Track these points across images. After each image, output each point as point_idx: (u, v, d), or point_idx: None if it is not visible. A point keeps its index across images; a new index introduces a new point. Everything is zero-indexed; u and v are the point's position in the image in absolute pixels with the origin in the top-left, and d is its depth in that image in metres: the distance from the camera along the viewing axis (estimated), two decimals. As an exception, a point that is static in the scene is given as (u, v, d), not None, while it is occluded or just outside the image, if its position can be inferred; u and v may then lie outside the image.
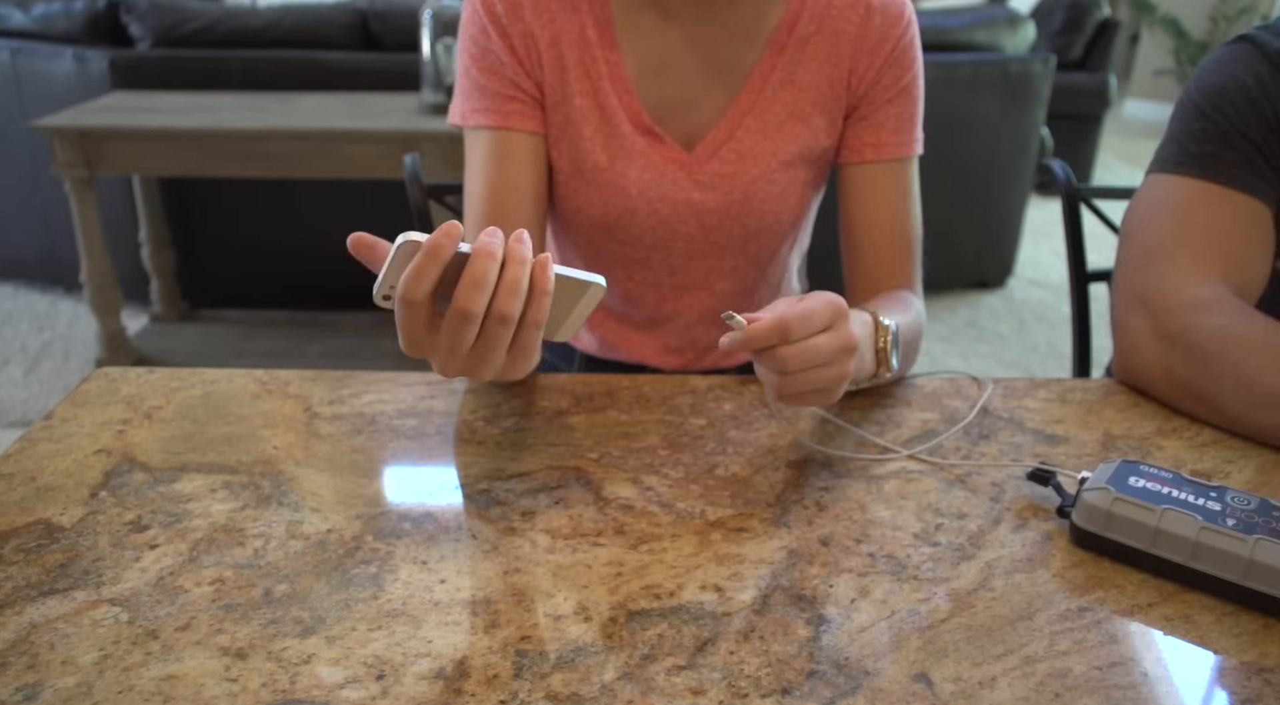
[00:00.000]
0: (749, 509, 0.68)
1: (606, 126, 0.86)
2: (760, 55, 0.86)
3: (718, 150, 0.87)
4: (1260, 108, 0.89)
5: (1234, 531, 0.59)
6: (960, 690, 0.53)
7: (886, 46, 0.87)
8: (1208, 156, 0.90)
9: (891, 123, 0.89)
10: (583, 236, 0.91)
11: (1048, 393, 0.85)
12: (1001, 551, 0.64)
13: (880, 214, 0.90)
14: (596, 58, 0.85)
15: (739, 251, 0.91)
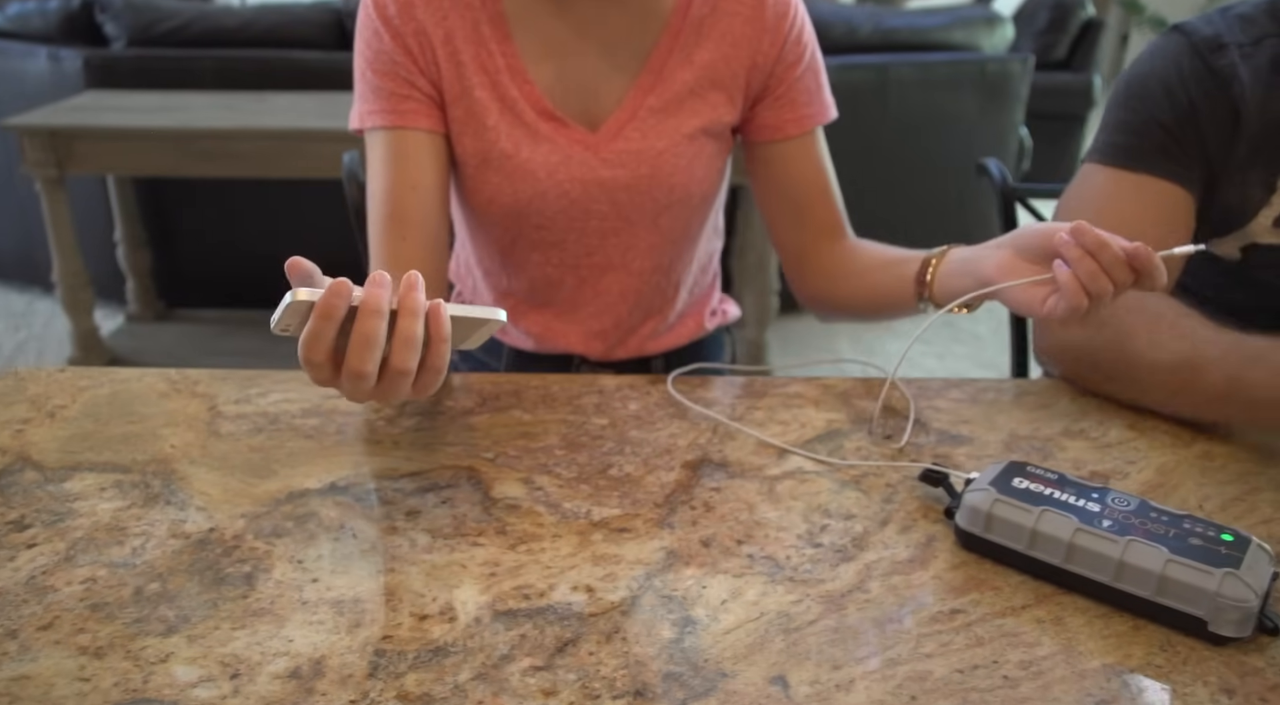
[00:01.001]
0: (635, 509, 0.67)
1: (509, 115, 0.86)
2: (658, 37, 0.88)
3: (622, 129, 0.88)
4: (1176, 97, 0.89)
5: (1108, 533, 0.59)
6: (815, 693, 0.52)
7: (784, 24, 0.89)
8: (1129, 146, 0.91)
9: (804, 97, 0.92)
10: (498, 227, 0.92)
11: (960, 393, 0.84)
12: (884, 553, 0.64)
13: (816, 181, 0.95)
14: (492, 51, 0.85)
15: (652, 227, 0.92)
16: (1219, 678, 0.54)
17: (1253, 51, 0.88)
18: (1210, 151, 0.89)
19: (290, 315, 0.57)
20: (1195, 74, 0.88)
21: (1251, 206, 0.90)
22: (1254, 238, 0.91)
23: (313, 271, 0.58)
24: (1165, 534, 0.59)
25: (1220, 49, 0.88)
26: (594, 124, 0.88)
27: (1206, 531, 0.59)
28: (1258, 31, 0.89)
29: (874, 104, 2.66)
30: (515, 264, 0.94)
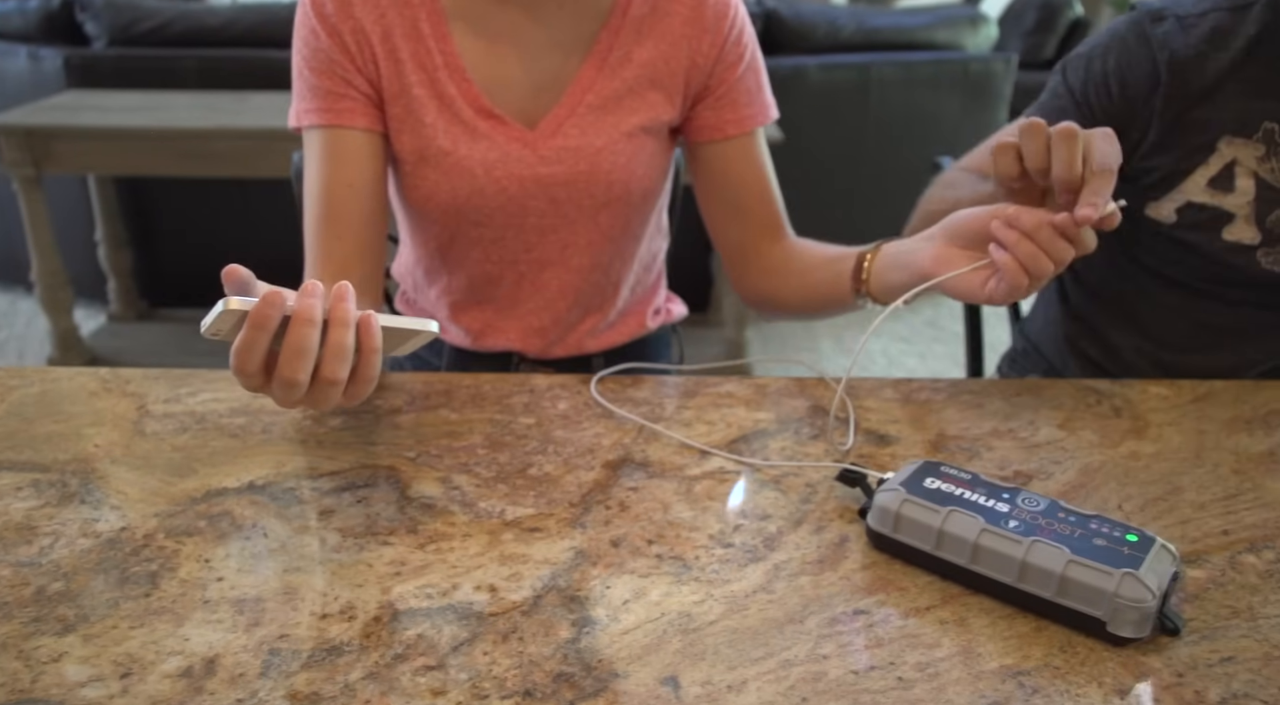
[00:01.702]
0: (550, 509, 0.67)
1: (447, 113, 0.86)
2: (597, 35, 0.88)
3: (560, 126, 0.88)
4: (1093, 64, 0.94)
5: (1013, 534, 0.58)
6: (706, 694, 0.52)
7: (723, 24, 0.89)
8: (1044, 106, 0.98)
9: (745, 97, 0.92)
10: (436, 224, 0.91)
11: (893, 393, 0.84)
12: (794, 553, 0.63)
13: (757, 178, 0.96)
14: (431, 49, 0.85)
15: (591, 224, 0.92)
16: (1115, 679, 0.54)
17: (1196, 21, 0.92)
18: (1119, 115, 0.93)
19: (222, 321, 0.57)
20: (1124, 42, 0.93)
21: (1187, 167, 0.93)
22: (1189, 196, 0.93)
23: (249, 279, 0.58)
24: (1070, 535, 0.58)
25: (1160, 19, 0.93)
26: (533, 121, 0.88)
27: (1112, 532, 0.59)
28: (1207, 5, 0.93)
29: (856, 103, 2.65)
30: (454, 261, 0.94)
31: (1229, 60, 0.89)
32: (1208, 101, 0.90)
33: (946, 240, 0.75)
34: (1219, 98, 0.90)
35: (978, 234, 0.73)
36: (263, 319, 0.55)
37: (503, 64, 0.87)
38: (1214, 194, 0.92)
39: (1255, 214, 0.92)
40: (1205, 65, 0.90)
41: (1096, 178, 0.68)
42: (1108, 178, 0.68)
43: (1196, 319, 1.00)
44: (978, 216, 0.73)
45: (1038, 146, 0.70)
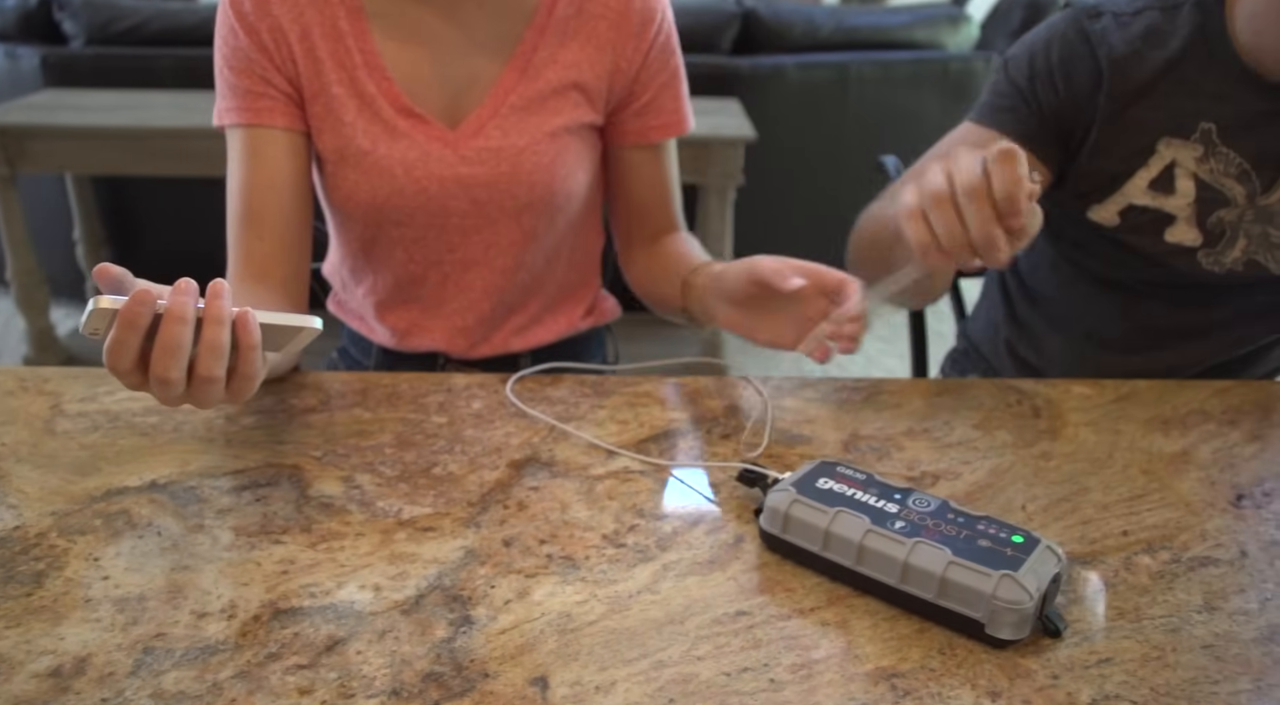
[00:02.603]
0: (448, 508, 0.67)
1: (367, 112, 0.86)
2: (521, 35, 0.87)
3: (482, 127, 0.88)
4: (1036, 60, 0.93)
5: (897, 534, 0.58)
6: (573, 694, 0.52)
7: (650, 30, 0.89)
8: (985, 104, 0.96)
9: (669, 103, 0.93)
10: (359, 224, 0.91)
11: (812, 392, 0.83)
12: (685, 553, 0.63)
13: (663, 186, 0.98)
14: (350, 48, 0.85)
15: (513, 224, 0.92)
16: (989, 680, 0.53)
17: (1130, 20, 0.91)
18: (1065, 112, 0.92)
19: (96, 320, 0.57)
20: (1064, 38, 0.92)
21: (1129, 169, 0.91)
22: (1131, 199, 0.92)
23: (122, 277, 0.58)
24: (955, 536, 0.58)
25: (1097, 16, 0.92)
26: (455, 121, 0.88)
27: (999, 533, 0.59)
28: (1140, 4, 0.92)
29: (835, 103, 2.64)
30: (378, 260, 0.93)
31: (1164, 59, 0.88)
32: (1145, 101, 0.89)
33: (733, 294, 0.79)
34: (1156, 97, 0.89)
35: (753, 283, 0.75)
36: (132, 317, 0.55)
37: (424, 63, 0.86)
38: (1155, 196, 0.92)
39: (1196, 215, 0.91)
40: (1143, 63, 0.89)
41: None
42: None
43: (1138, 321, 1.00)
44: (753, 270, 0.75)
45: (948, 220, 0.64)
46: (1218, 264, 0.92)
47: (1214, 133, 0.88)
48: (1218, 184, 0.89)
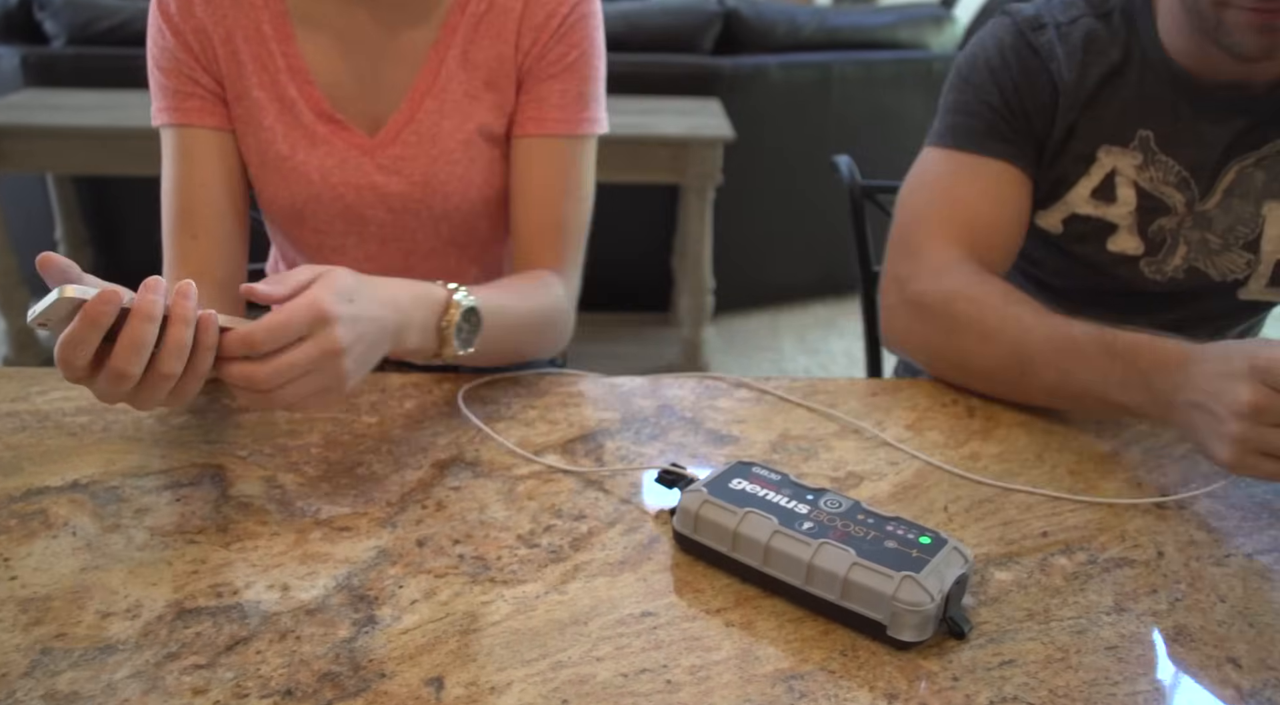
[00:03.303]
0: (366, 508, 0.67)
1: (287, 116, 0.85)
2: (436, 36, 0.86)
3: (399, 133, 0.87)
4: (1001, 77, 0.90)
5: (803, 536, 0.58)
6: (467, 695, 0.52)
7: (553, 22, 0.86)
8: (961, 127, 0.92)
9: (555, 98, 0.88)
10: (281, 230, 0.91)
11: (747, 393, 0.83)
12: (598, 554, 0.63)
13: (536, 191, 0.90)
14: (273, 51, 0.84)
15: (432, 233, 0.91)
16: (888, 682, 0.53)
17: (1070, 30, 0.90)
18: (1036, 127, 0.90)
19: (54, 311, 0.56)
20: (1017, 53, 0.90)
21: (1071, 177, 0.90)
22: (1074, 208, 0.92)
23: (68, 268, 0.58)
24: (863, 537, 0.58)
25: (1040, 28, 0.90)
26: (376, 126, 0.87)
27: (907, 534, 0.58)
28: (1075, 12, 0.91)
29: (818, 102, 2.64)
30: (303, 264, 0.93)
31: (1107, 67, 0.88)
32: (1088, 110, 0.89)
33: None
34: (1097, 106, 0.89)
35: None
36: (97, 315, 0.54)
37: (347, 68, 0.86)
38: (1097, 205, 0.91)
39: (1137, 224, 0.91)
40: (1087, 72, 0.88)
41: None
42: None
43: None
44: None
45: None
46: (1160, 272, 0.92)
47: (1152, 140, 0.88)
48: (1158, 192, 0.89)
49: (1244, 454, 0.63)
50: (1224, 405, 0.64)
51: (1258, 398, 0.61)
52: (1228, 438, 0.63)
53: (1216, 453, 0.65)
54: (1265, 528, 0.68)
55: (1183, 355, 0.69)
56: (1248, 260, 0.90)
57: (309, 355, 0.60)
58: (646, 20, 2.54)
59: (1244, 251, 0.90)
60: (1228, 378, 0.64)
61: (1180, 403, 0.68)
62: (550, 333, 0.86)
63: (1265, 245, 0.89)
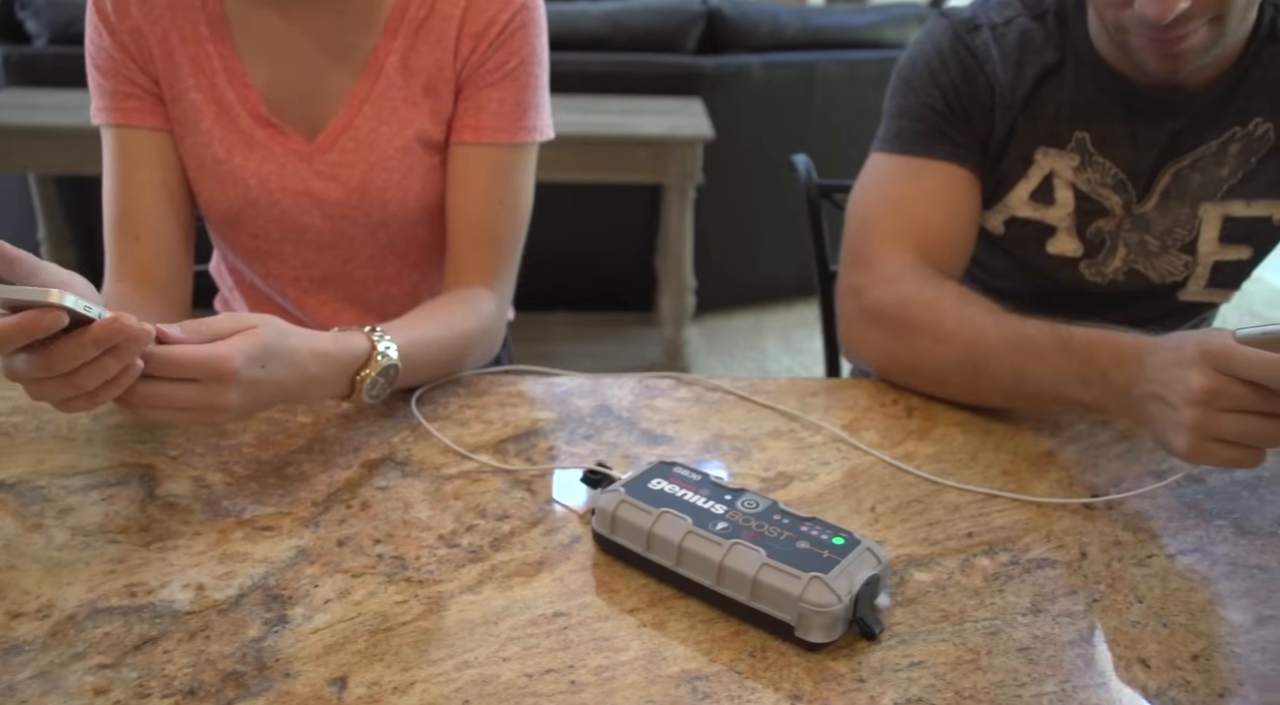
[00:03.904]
0: (291, 508, 0.67)
1: (224, 120, 0.85)
2: (376, 41, 0.86)
3: (337, 139, 0.87)
4: (941, 79, 0.90)
5: (715, 536, 0.58)
6: (369, 695, 0.52)
7: (493, 30, 0.85)
8: (904, 131, 0.92)
9: (493, 106, 0.87)
10: (218, 231, 0.91)
11: (687, 392, 0.83)
12: (518, 554, 0.63)
13: (471, 200, 0.89)
14: (210, 53, 0.84)
15: (370, 240, 0.90)
16: (794, 684, 0.53)
17: (1005, 30, 0.89)
18: (978, 128, 0.90)
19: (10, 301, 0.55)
20: (955, 55, 0.90)
21: (1011, 179, 0.90)
22: (1013, 211, 0.91)
23: (16, 259, 0.57)
24: (776, 537, 0.58)
25: (976, 29, 0.90)
26: (314, 131, 0.87)
27: (820, 535, 0.58)
28: (1010, 12, 0.90)
29: (800, 102, 2.64)
30: (242, 270, 0.93)
31: (1042, 67, 0.87)
32: (1026, 110, 0.88)
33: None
34: (1034, 107, 0.88)
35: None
36: (32, 327, 0.53)
37: (286, 73, 0.85)
38: (1036, 207, 0.91)
39: (1076, 226, 0.90)
40: (1023, 73, 0.88)
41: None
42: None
43: None
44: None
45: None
46: (1099, 274, 0.92)
47: (1089, 142, 0.87)
48: (1095, 194, 0.89)
49: (1199, 441, 0.62)
50: (1177, 393, 0.63)
51: (1210, 383, 0.61)
52: (1183, 426, 0.63)
53: (1173, 442, 0.64)
54: (1191, 528, 0.67)
55: (1138, 348, 0.69)
56: (1185, 262, 0.90)
57: (191, 399, 0.60)
58: (629, 20, 2.53)
59: (1182, 253, 0.90)
60: (1180, 366, 0.63)
61: (1137, 395, 0.68)
62: (478, 350, 0.86)
63: (1202, 247, 0.89)
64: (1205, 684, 0.54)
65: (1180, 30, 0.73)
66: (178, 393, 0.60)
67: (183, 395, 0.60)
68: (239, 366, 0.61)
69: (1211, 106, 0.84)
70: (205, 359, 0.60)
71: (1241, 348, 0.58)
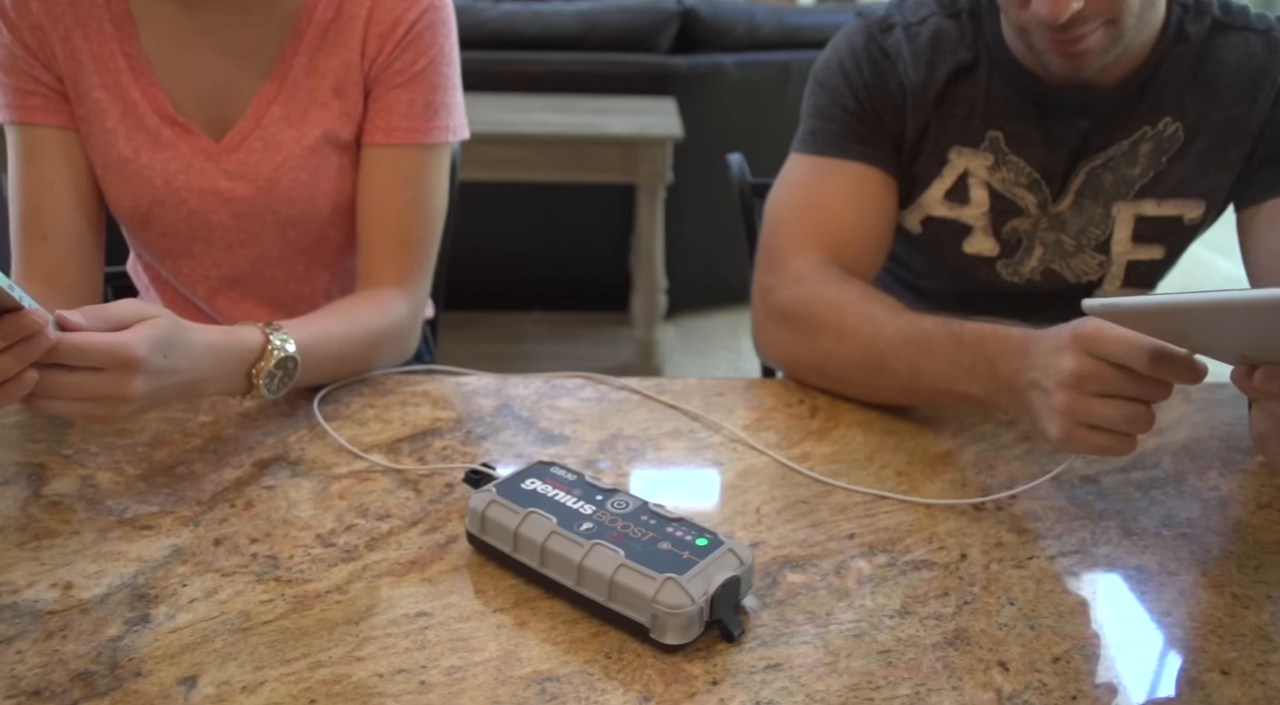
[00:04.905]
0: (175, 507, 0.67)
1: (130, 118, 0.85)
2: (283, 42, 0.86)
3: (245, 138, 0.86)
4: (853, 80, 0.90)
5: (578, 537, 0.57)
6: (217, 694, 0.52)
7: (399, 30, 0.85)
8: (818, 131, 0.91)
9: (403, 107, 0.87)
10: (129, 229, 0.91)
11: (592, 392, 0.83)
12: (391, 554, 0.63)
13: (379, 201, 0.89)
14: (114, 51, 0.84)
15: (279, 239, 0.90)
16: (644, 685, 0.53)
17: (919, 30, 0.89)
18: (890, 128, 0.90)
19: None
20: (868, 54, 0.90)
21: (925, 179, 0.90)
22: (929, 210, 0.91)
23: None
24: (639, 538, 0.58)
25: (889, 29, 0.90)
26: (222, 131, 0.87)
27: (685, 536, 0.58)
28: (925, 12, 0.90)
29: (775, 102, 2.63)
30: (154, 268, 0.93)
31: (955, 66, 0.87)
32: (939, 109, 0.88)
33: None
34: (946, 106, 0.88)
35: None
36: None
37: (194, 72, 0.85)
38: (951, 206, 0.91)
39: (992, 225, 0.90)
40: (935, 72, 0.88)
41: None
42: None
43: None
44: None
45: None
46: (1016, 274, 0.91)
47: (1002, 141, 0.87)
48: (1010, 193, 0.88)
49: (1070, 426, 0.62)
50: (1050, 377, 0.63)
51: (1079, 365, 0.60)
52: (1055, 411, 0.62)
53: (1047, 428, 0.64)
54: (1076, 529, 0.67)
55: (1024, 339, 0.68)
56: (1100, 262, 0.90)
57: (95, 389, 0.60)
58: (603, 19, 2.53)
59: (1096, 253, 0.89)
60: (1054, 351, 0.63)
61: (1020, 386, 0.67)
62: (387, 350, 0.85)
63: (1115, 246, 0.88)
64: (1061, 686, 0.53)
65: (1077, 31, 0.73)
66: (81, 382, 0.60)
67: (86, 385, 0.60)
68: (145, 354, 0.61)
69: (1122, 106, 0.84)
70: (110, 346, 0.60)
71: (1111, 330, 0.58)
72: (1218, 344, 0.54)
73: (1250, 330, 0.50)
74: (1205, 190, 0.86)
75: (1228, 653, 0.56)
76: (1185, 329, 0.54)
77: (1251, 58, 0.82)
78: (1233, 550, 0.65)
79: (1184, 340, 0.56)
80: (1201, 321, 0.51)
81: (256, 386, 0.72)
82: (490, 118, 2.22)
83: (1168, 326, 0.54)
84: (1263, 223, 0.83)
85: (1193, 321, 0.52)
